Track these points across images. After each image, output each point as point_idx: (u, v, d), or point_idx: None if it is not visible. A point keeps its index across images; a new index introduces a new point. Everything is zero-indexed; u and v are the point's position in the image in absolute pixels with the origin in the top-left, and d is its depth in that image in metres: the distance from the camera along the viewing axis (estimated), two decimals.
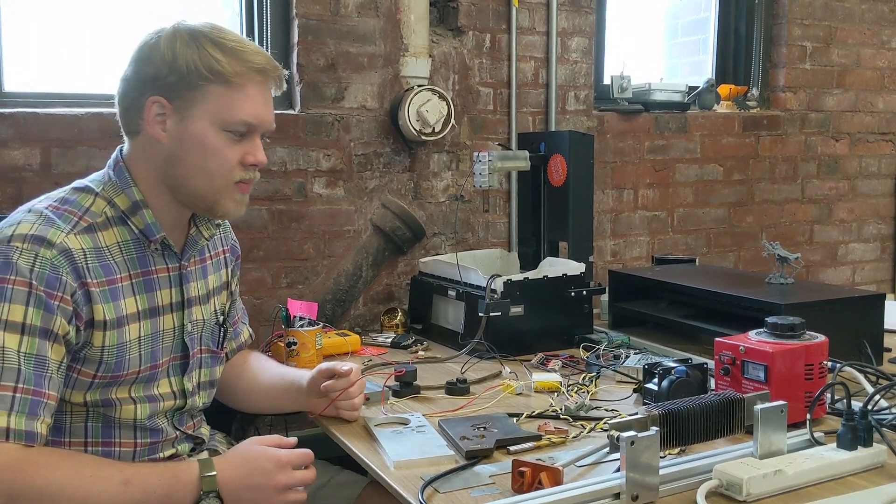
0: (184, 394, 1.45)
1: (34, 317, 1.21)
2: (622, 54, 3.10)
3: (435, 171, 2.62)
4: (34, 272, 1.22)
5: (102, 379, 1.32)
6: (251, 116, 1.35)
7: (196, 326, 1.47)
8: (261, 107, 1.36)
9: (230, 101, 1.33)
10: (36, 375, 1.20)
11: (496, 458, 1.36)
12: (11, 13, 2.19)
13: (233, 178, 1.37)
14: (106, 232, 1.33)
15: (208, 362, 1.52)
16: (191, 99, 1.32)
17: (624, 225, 2.98)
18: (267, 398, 1.65)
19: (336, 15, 2.43)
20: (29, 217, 1.28)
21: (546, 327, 2.09)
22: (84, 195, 1.35)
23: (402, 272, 2.59)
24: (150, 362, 1.38)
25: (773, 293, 1.99)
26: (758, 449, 1.25)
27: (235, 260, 1.64)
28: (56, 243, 1.25)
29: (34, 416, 1.19)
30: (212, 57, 1.31)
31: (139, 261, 1.37)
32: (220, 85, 1.32)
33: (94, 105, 2.20)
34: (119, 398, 1.35)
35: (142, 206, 1.36)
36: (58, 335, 1.23)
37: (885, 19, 3.44)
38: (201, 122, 1.33)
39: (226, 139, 1.34)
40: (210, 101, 1.32)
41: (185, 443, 1.49)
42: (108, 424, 1.36)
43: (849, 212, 3.46)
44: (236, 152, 1.36)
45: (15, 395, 1.18)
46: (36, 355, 1.20)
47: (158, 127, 1.34)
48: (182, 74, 1.31)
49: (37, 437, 1.19)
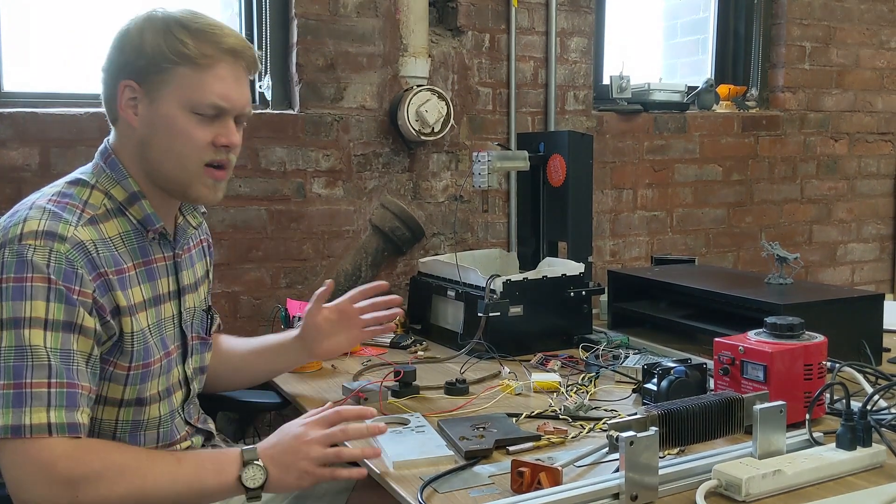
0: (187, 381, 1.48)
1: (56, 311, 1.21)
2: (621, 54, 3.10)
3: (434, 171, 2.62)
4: (51, 267, 1.22)
5: (136, 370, 1.33)
6: (219, 98, 1.34)
7: (189, 314, 1.49)
8: (230, 88, 1.35)
9: (198, 82, 1.32)
10: (66, 369, 1.20)
11: (495, 458, 1.36)
12: (11, 13, 2.19)
13: (202, 160, 1.36)
14: (107, 223, 1.34)
15: (199, 348, 1.53)
16: (160, 82, 1.32)
17: (623, 225, 2.98)
18: (255, 367, 1.70)
19: (335, 15, 2.43)
20: (34, 213, 1.28)
21: (545, 327, 2.09)
22: (80, 188, 1.35)
23: (401, 272, 2.59)
24: (163, 350, 1.40)
25: (772, 293, 1.99)
26: (757, 449, 1.25)
27: (209, 248, 1.65)
28: (68, 237, 1.25)
29: (73, 407, 1.20)
30: (178, 40, 1.31)
31: (140, 250, 1.38)
32: (187, 67, 1.32)
33: (94, 105, 2.20)
34: (150, 395, 1.36)
35: (139, 196, 1.37)
36: (82, 326, 1.23)
37: (885, 19, 3.44)
38: (169, 105, 1.33)
39: (195, 121, 1.34)
40: (178, 84, 1.32)
41: (198, 435, 1.51)
42: (136, 430, 1.37)
43: (848, 212, 3.46)
44: (206, 134, 1.35)
45: (50, 391, 1.18)
46: (61, 349, 1.21)
47: (131, 111, 1.35)
48: (150, 58, 1.31)
49: (79, 427, 1.20)
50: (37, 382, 1.18)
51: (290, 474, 1.28)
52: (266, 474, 1.26)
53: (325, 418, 1.34)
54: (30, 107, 2.13)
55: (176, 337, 1.45)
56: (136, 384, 1.34)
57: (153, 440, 1.39)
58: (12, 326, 1.19)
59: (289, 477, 1.28)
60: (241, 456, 1.27)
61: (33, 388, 1.17)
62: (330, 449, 1.30)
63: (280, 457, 1.29)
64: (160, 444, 1.41)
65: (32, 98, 2.19)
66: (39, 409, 1.17)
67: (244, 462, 1.26)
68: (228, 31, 1.36)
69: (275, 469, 1.27)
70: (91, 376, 1.25)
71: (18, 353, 1.18)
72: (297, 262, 2.44)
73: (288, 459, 1.29)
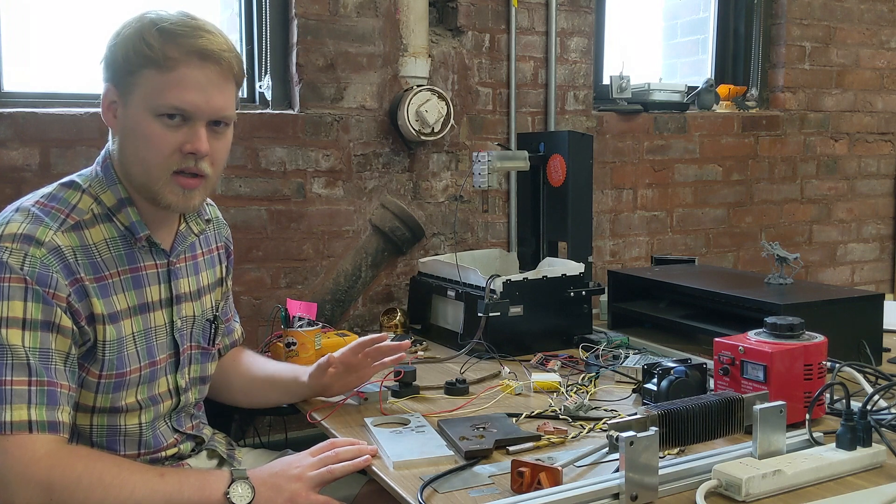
0: (177, 391, 1.46)
1: (34, 311, 1.21)
2: (621, 54, 3.10)
3: (434, 171, 2.62)
4: (25, 269, 1.22)
5: (108, 378, 1.32)
6: (182, 101, 1.29)
7: (186, 323, 1.47)
8: (195, 92, 1.29)
9: (160, 85, 1.28)
10: (45, 368, 1.21)
11: (495, 458, 1.36)
12: (11, 13, 2.19)
13: (169, 168, 1.31)
14: (93, 229, 1.33)
15: (198, 358, 1.52)
16: (130, 84, 1.31)
17: (623, 225, 2.98)
18: (266, 394, 1.68)
19: (335, 15, 2.43)
20: (17, 216, 1.28)
21: (545, 327, 2.09)
22: (71, 192, 1.35)
23: (401, 272, 2.59)
24: (147, 359, 1.38)
25: (772, 293, 1.99)
26: (757, 449, 1.25)
27: (228, 256, 1.64)
28: (45, 241, 1.25)
29: (54, 405, 1.20)
30: (145, 42, 1.28)
31: (127, 257, 1.37)
32: (152, 69, 1.28)
33: (94, 105, 2.20)
34: (127, 403, 1.35)
35: (126, 203, 1.36)
36: (60, 326, 1.24)
37: (884, 19, 3.44)
38: (137, 109, 1.31)
39: (160, 126, 1.30)
40: (143, 87, 1.29)
41: (187, 441, 1.50)
42: (113, 435, 1.36)
43: (848, 212, 3.46)
44: (172, 140, 1.30)
45: (31, 389, 1.19)
46: (40, 348, 1.21)
47: (111, 114, 1.35)
48: (123, 61, 1.30)
49: (59, 425, 1.20)
50: (17, 381, 1.18)
51: (280, 495, 1.29)
52: (253, 493, 1.27)
53: (318, 447, 1.38)
54: (30, 107, 2.13)
55: (167, 346, 1.44)
56: (109, 393, 1.33)
57: (133, 447, 1.38)
58: None
59: (278, 498, 1.29)
60: (230, 475, 1.28)
61: (14, 385, 1.18)
62: (322, 469, 1.33)
63: (270, 479, 1.30)
64: (141, 451, 1.39)
65: (32, 98, 2.19)
66: (20, 407, 1.17)
67: (232, 479, 1.27)
68: (205, 33, 1.31)
69: (264, 489, 1.28)
70: (70, 374, 1.25)
71: None
72: (297, 262, 2.44)
73: (279, 482, 1.30)
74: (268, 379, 1.67)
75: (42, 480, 1.16)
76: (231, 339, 1.71)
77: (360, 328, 2.50)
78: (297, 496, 1.30)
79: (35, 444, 1.17)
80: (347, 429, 1.53)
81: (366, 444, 1.40)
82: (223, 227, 1.65)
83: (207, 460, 1.55)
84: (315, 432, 1.63)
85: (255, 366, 1.70)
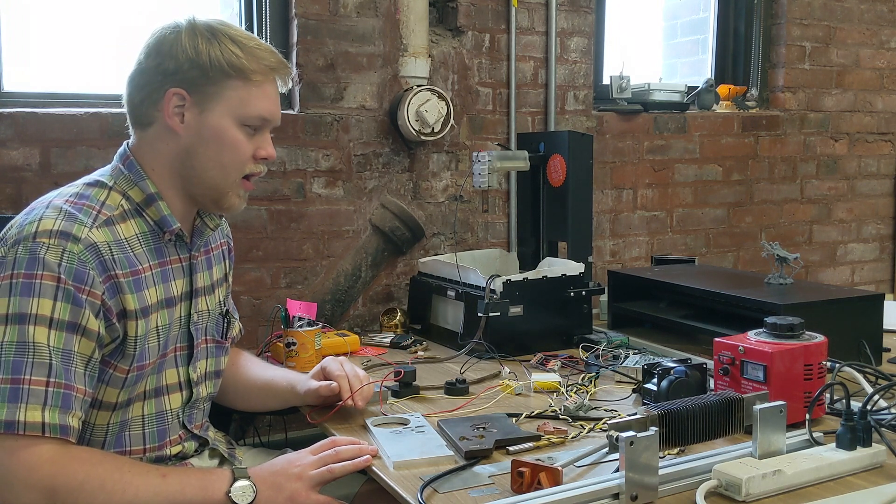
0: (189, 384, 1.47)
1: (62, 311, 1.22)
2: (621, 54, 3.10)
3: (434, 171, 2.62)
4: (62, 266, 1.23)
5: (133, 372, 1.33)
6: (266, 112, 1.41)
7: (202, 317, 1.49)
8: (274, 104, 1.43)
9: (249, 96, 1.38)
10: (65, 370, 1.21)
11: (495, 458, 1.36)
12: (11, 13, 2.19)
13: (244, 172, 1.42)
14: (124, 224, 1.35)
15: (213, 352, 1.54)
16: (212, 93, 1.36)
17: (623, 225, 2.98)
18: (264, 401, 1.69)
19: (335, 15, 2.43)
20: (50, 213, 1.28)
21: (545, 327, 2.09)
22: (98, 189, 1.36)
23: (401, 272, 2.59)
24: (161, 351, 1.40)
25: (772, 293, 1.99)
26: (757, 449, 1.25)
27: (230, 252, 1.66)
28: (81, 238, 1.26)
29: (67, 409, 1.20)
30: (233, 54, 1.36)
31: (156, 251, 1.39)
32: (240, 80, 1.37)
33: (94, 105, 2.20)
34: (137, 394, 1.37)
35: (157, 198, 1.39)
36: (86, 329, 1.24)
37: (884, 19, 3.44)
38: (221, 116, 1.37)
39: (243, 134, 1.39)
40: (230, 97, 1.37)
41: (191, 441, 1.50)
42: (122, 431, 1.37)
43: (848, 212, 3.46)
44: (250, 146, 1.41)
45: (48, 390, 1.19)
46: (63, 349, 1.21)
47: (177, 118, 1.37)
48: (205, 69, 1.35)
49: (70, 430, 1.21)
50: (36, 380, 1.18)
51: (281, 493, 1.30)
52: (255, 492, 1.28)
53: (319, 445, 1.39)
54: (30, 107, 2.13)
55: (181, 338, 1.45)
56: (132, 385, 1.35)
57: (139, 440, 1.39)
58: (16, 322, 1.20)
59: (279, 497, 1.30)
60: (232, 473, 1.29)
61: (32, 384, 1.18)
62: (323, 468, 1.34)
63: (271, 477, 1.31)
64: (147, 445, 1.40)
65: (32, 98, 2.19)
66: (35, 407, 1.17)
67: (234, 478, 1.28)
68: (267, 46, 1.42)
69: (265, 487, 1.29)
70: (89, 379, 1.25)
71: (20, 348, 1.19)
72: (297, 262, 2.44)
73: (280, 480, 1.31)
74: (265, 386, 1.68)
75: (46, 486, 1.16)
76: (231, 335, 1.72)
77: (360, 328, 2.50)
78: (297, 495, 1.31)
79: (42, 447, 1.18)
80: (347, 429, 1.54)
81: (366, 444, 1.40)
82: (224, 223, 1.66)
83: (209, 459, 1.55)
84: (315, 432, 1.63)
85: (252, 371, 1.71)
